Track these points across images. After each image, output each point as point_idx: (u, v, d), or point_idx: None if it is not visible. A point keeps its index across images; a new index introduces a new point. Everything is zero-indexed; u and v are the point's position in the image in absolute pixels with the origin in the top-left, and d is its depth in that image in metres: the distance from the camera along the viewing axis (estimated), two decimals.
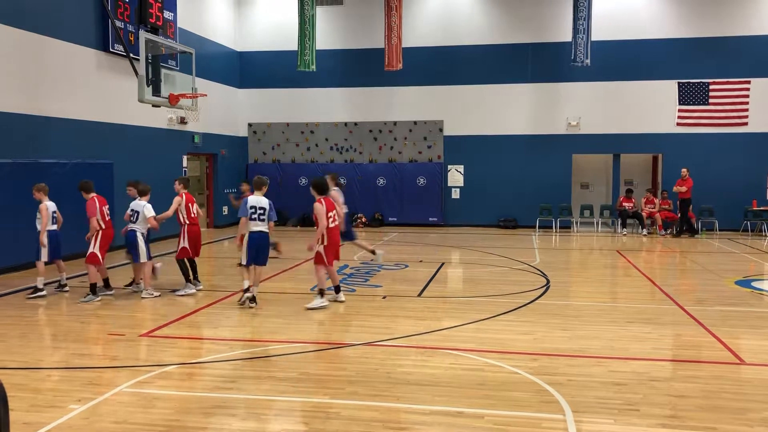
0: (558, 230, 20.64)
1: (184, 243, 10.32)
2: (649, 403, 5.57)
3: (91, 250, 9.91)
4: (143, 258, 10.11)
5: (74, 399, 5.64)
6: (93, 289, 9.86)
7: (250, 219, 9.27)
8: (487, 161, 21.60)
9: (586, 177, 22.35)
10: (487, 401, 5.60)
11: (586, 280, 12.35)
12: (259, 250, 9.38)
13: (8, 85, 12.50)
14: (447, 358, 6.86)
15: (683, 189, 19.07)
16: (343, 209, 11.51)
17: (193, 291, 10.35)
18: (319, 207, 9.30)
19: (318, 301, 9.33)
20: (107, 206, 10.31)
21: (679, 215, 19.36)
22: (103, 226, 10.05)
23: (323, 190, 9.51)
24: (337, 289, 9.74)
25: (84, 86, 14.66)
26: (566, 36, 19.99)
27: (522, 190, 21.36)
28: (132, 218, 10.19)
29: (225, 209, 21.56)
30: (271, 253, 10.78)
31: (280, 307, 9.56)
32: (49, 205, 10.07)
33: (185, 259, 10.37)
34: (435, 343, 7.43)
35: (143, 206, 10.12)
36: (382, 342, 7.61)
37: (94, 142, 14.87)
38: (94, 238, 9.95)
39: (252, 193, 9.65)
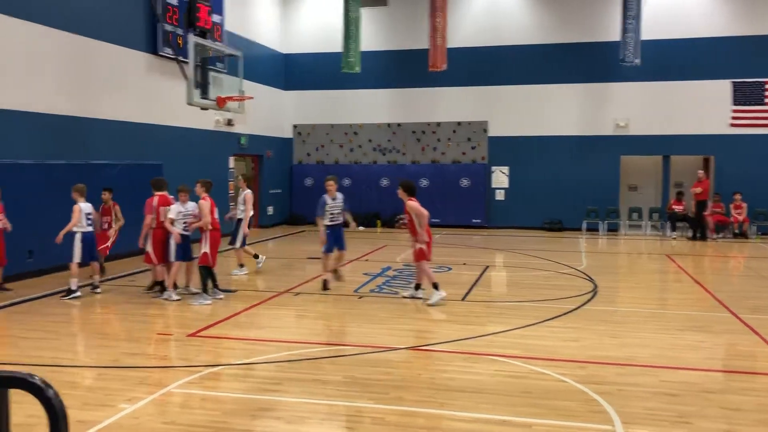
0: (605, 233, 20.26)
1: (206, 248, 9.86)
2: (702, 415, 5.40)
3: (148, 249, 10.19)
4: (171, 257, 10.16)
5: (125, 398, 5.76)
6: (160, 285, 10.13)
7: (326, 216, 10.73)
8: (533, 162, 21.34)
9: (635, 179, 21.86)
10: (533, 410, 5.52)
11: (634, 286, 12.08)
12: (336, 239, 10.81)
13: (62, 88, 12.86)
14: (492, 365, 6.79)
15: (699, 190, 18.60)
16: None
17: (209, 302, 9.78)
18: (417, 204, 9.62)
19: (437, 295, 9.61)
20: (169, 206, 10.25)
21: (693, 217, 18.92)
22: (153, 225, 10.18)
23: (413, 191, 9.87)
24: (417, 287, 10.09)
25: (134, 89, 15.00)
26: (615, 35, 19.59)
27: (568, 191, 21.04)
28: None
29: (270, 209, 21.81)
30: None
31: (326, 309, 9.62)
32: (83, 207, 10.11)
33: (206, 267, 9.93)
34: (479, 349, 7.36)
35: (168, 208, 10.21)
36: (426, 346, 7.57)
37: (143, 143, 15.21)
38: (148, 237, 10.14)
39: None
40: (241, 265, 12.38)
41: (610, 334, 8.07)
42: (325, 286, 10.82)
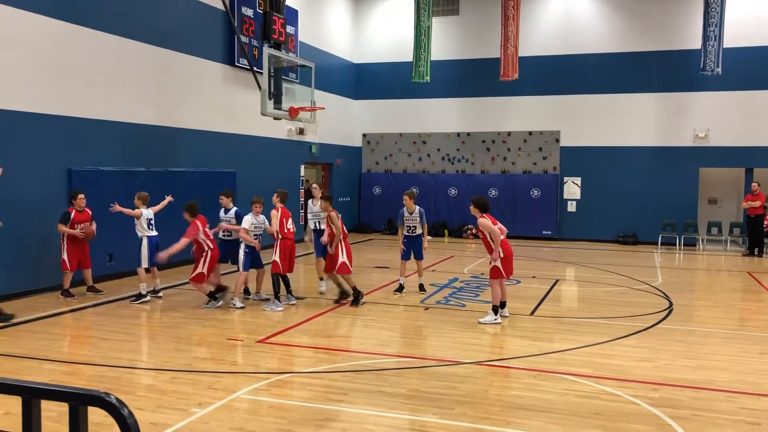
0: (682, 248, 19.51)
1: (276, 257, 10.07)
2: None
3: (198, 270, 10.13)
4: (241, 267, 10.33)
5: (196, 402, 5.93)
6: (212, 294, 10.32)
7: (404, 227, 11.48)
8: (607, 173, 20.80)
9: (715, 192, 20.99)
10: None
11: (713, 304, 11.56)
12: (413, 248, 11.51)
13: (144, 98, 13.41)
14: (561, 383, 6.63)
15: (756, 204, 17.57)
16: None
17: (281, 308, 10.03)
18: (489, 222, 9.33)
19: (491, 317, 9.31)
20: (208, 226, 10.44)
21: (750, 233, 17.96)
22: (211, 246, 10.23)
23: (486, 207, 9.56)
24: (503, 305, 9.62)
25: (211, 99, 15.49)
26: (695, 43, 18.94)
27: (643, 204, 20.39)
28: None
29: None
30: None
31: (392, 320, 9.64)
32: (145, 213, 10.62)
33: (278, 274, 10.14)
34: (548, 366, 7.21)
35: (243, 217, 10.48)
36: (493, 362, 7.47)
37: (219, 151, 15.67)
38: (203, 257, 10.14)
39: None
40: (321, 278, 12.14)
41: (686, 355, 7.76)
42: (399, 290, 11.47)
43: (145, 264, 10.58)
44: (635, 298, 11.56)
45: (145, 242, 10.60)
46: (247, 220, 10.33)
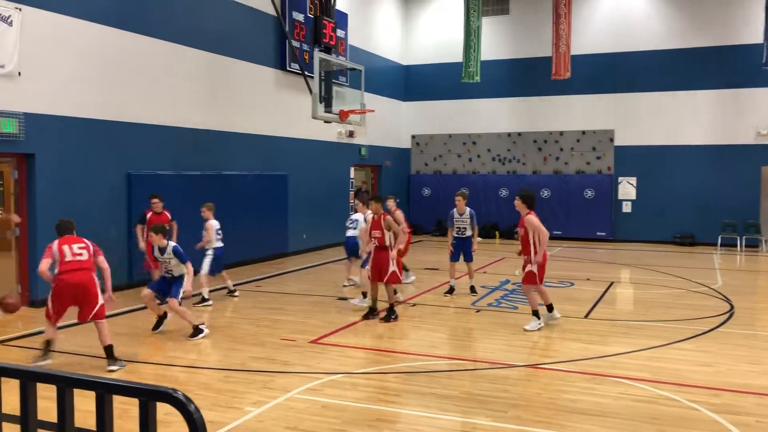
0: (743, 249, 18.86)
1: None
2: None
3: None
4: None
5: (250, 401, 6.04)
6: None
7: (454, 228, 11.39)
8: (663, 173, 20.26)
9: None
10: None
11: None
12: (462, 251, 11.45)
13: (200, 103, 13.72)
14: (616, 387, 6.50)
15: None
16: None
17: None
18: (538, 220, 8.89)
19: (535, 324, 8.88)
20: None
21: None
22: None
23: (534, 203, 9.10)
24: (550, 308, 9.23)
25: (263, 103, 15.74)
26: (756, 38, 18.30)
27: (702, 204, 19.79)
28: (352, 226, 11.92)
29: None
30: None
31: (443, 322, 9.61)
32: (213, 223, 10.79)
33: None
34: (603, 370, 7.08)
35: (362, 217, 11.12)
36: (546, 364, 7.38)
37: (271, 154, 15.91)
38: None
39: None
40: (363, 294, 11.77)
41: (748, 360, 7.51)
42: (449, 291, 11.45)
43: (206, 271, 10.69)
44: (693, 300, 11.24)
45: (210, 253, 10.75)
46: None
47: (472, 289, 11.58)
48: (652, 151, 20.41)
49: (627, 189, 20.81)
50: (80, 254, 7.15)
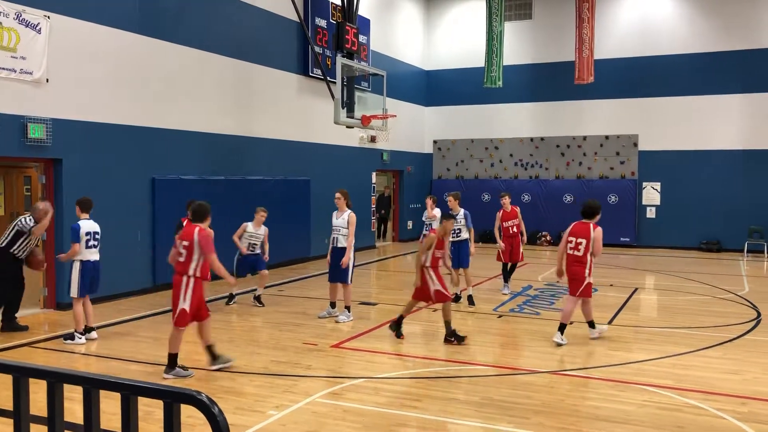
0: None
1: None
2: None
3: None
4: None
5: (273, 405, 6.07)
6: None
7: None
8: (688, 178, 20.02)
9: None
10: None
11: None
12: (457, 256, 10.72)
13: (225, 109, 13.85)
14: (640, 394, 6.43)
15: None
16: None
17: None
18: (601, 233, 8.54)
19: (597, 330, 8.68)
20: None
21: None
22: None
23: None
24: (591, 324, 8.75)
25: (286, 108, 15.85)
26: None
27: (728, 210, 19.49)
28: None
29: (410, 224, 22.12)
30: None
31: (464, 327, 9.56)
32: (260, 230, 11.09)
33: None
34: (627, 377, 7.00)
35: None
36: (569, 371, 7.32)
37: (293, 160, 16.00)
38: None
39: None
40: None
41: None
42: (455, 300, 10.62)
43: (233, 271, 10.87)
44: (719, 307, 11.08)
45: (237, 257, 10.98)
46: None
47: (470, 300, 10.76)
48: (677, 156, 20.17)
49: (651, 194, 20.58)
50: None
